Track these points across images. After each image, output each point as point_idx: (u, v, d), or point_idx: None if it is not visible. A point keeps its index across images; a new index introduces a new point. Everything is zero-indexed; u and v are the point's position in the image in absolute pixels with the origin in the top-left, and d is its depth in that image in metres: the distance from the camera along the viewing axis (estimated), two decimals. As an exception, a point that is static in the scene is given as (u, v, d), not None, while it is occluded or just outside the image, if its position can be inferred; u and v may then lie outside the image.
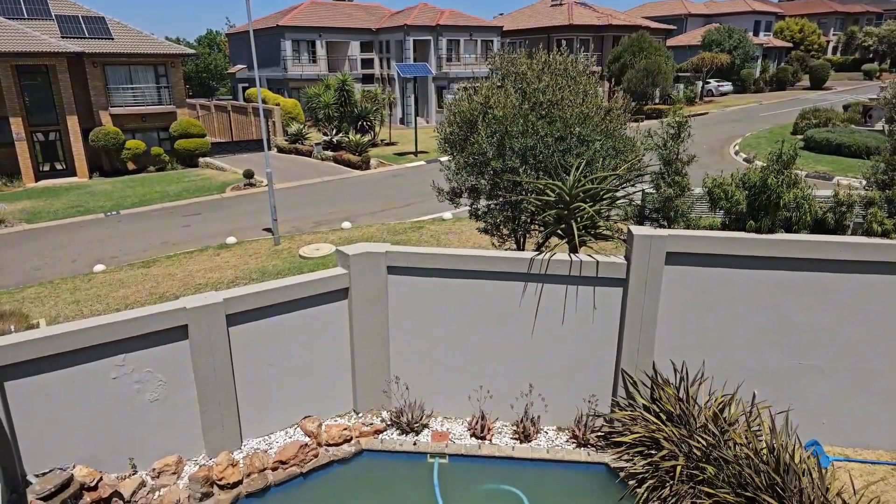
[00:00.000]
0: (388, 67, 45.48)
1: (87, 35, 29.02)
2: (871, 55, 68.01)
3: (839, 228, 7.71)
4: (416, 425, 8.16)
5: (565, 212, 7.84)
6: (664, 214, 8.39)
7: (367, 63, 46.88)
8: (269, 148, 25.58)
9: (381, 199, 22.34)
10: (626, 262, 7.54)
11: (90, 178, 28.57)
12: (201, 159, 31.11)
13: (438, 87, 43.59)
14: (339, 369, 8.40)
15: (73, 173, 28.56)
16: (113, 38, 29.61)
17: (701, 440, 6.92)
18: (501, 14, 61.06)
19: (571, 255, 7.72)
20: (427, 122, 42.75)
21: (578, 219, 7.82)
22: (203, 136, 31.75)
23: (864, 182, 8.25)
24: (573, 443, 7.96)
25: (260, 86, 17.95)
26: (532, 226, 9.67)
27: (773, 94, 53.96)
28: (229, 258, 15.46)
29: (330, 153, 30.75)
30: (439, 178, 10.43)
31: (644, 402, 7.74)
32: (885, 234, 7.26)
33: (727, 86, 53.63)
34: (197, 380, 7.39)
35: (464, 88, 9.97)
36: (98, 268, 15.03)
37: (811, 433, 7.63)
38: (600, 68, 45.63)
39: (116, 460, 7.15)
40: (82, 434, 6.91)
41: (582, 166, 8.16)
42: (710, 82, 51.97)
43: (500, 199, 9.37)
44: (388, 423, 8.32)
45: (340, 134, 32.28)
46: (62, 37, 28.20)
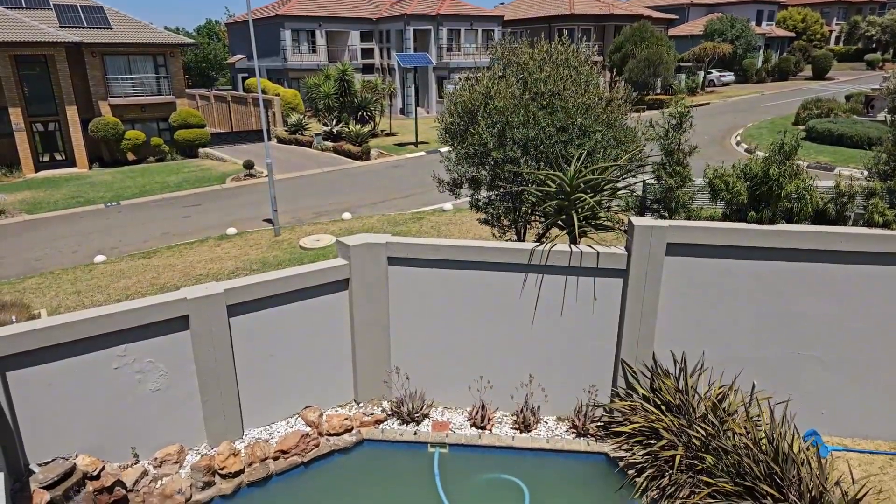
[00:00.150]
0: (389, 57, 45.28)
1: (85, 24, 28.88)
2: (874, 45, 67.60)
3: (840, 219, 7.70)
4: (416, 415, 8.20)
5: (566, 202, 7.83)
6: (665, 205, 8.37)
7: (368, 53, 46.67)
8: (269, 138, 25.51)
9: (382, 189, 22.32)
10: (626, 252, 7.54)
11: (90, 168, 28.54)
12: (201, 150, 31.05)
13: (439, 78, 43.41)
14: (340, 360, 8.43)
15: (73, 164, 28.52)
16: (112, 28, 29.48)
17: (700, 430, 6.95)
18: (502, 3, 60.61)
19: (572, 245, 7.72)
20: (427, 112, 42.61)
21: (579, 209, 7.81)
22: (203, 126, 31.68)
23: (865, 173, 8.23)
24: (573, 433, 8.00)
25: (259, 76, 17.88)
26: (533, 217, 9.67)
27: (776, 84, 53.73)
28: (230, 249, 15.47)
29: (330, 144, 30.69)
30: (440, 168, 10.41)
31: (644, 393, 7.77)
32: (886, 224, 7.25)
33: (729, 76, 53.40)
34: (198, 370, 7.42)
35: (465, 78, 9.93)
36: (99, 258, 15.04)
37: (810, 423, 7.67)
38: (602, 58, 45.43)
39: (118, 450, 7.20)
40: (84, 424, 6.95)
41: (583, 157, 8.14)
42: (711, 72, 51.73)
43: (501, 189, 9.36)
44: (389, 413, 8.36)
45: (340, 124, 32.19)
46: (60, 26, 28.06)
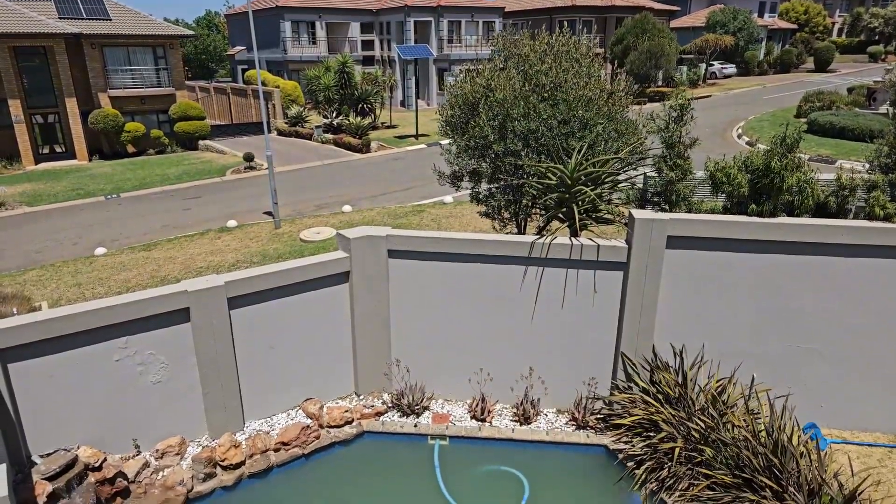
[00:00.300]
0: (389, 49, 45.07)
1: (84, 16, 28.75)
2: (876, 37, 67.23)
3: (841, 212, 7.69)
4: (416, 408, 8.22)
5: (567, 195, 7.82)
6: (666, 198, 8.36)
7: (368, 45, 46.45)
8: (269, 131, 25.45)
9: (382, 182, 22.28)
10: (626, 245, 7.54)
11: (90, 160, 28.49)
12: (201, 142, 30.98)
13: (439, 70, 43.23)
14: (341, 352, 8.45)
15: (73, 156, 28.47)
16: (111, 19, 29.33)
17: (699, 422, 6.97)
18: (503, -5, 60.12)
19: (572, 238, 7.72)
20: (428, 104, 42.48)
21: (580, 202, 7.80)
22: (203, 118, 31.59)
23: (867, 165, 8.22)
24: (573, 425, 8.03)
25: (259, 68, 17.82)
26: (533, 210, 9.66)
27: (777, 76, 53.50)
28: (230, 241, 15.46)
29: (330, 136, 30.61)
30: (440, 161, 10.39)
31: (643, 385, 7.79)
32: (887, 217, 7.24)
33: (731, 68, 53.13)
34: (199, 362, 7.44)
35: (465, 71, 9.88)
36: (99, 251, 15.04)
37: (809, 416, 7.69)
38: (603, 50, 45.24)
39: (120, 441, 7.23)
40: (86, 415, 6.97)
41: (584, 149, 8.12)
42: (713, 64, 51.49)
43: (502, 182, 9.34)
44: (389, 405, 8.39)
45: (341, 117, 32.10)
46: (59, 17, 27.93)
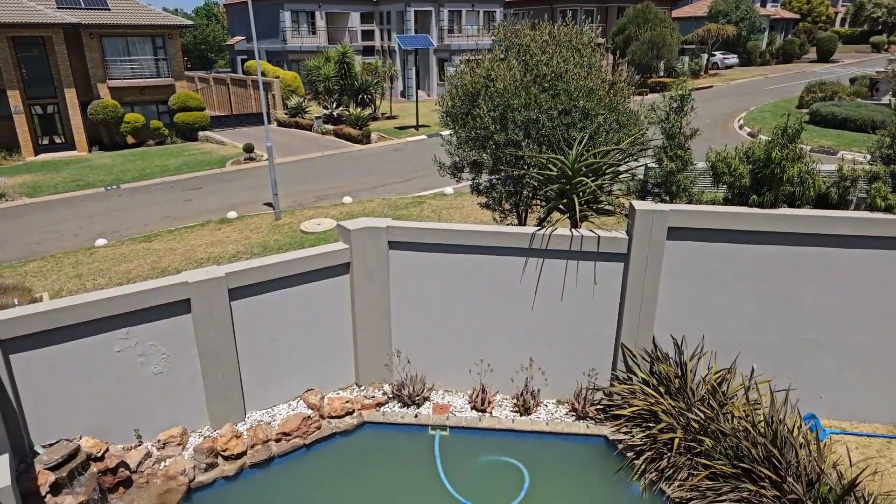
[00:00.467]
0: (389, 39, 44.82)
1: (83, 6, 28.60)
2: (879, 27, 66.81)
3: (842, 203, 7.67)
4: (417, 398, 8.25)
5: (567, 186, 7.80)
6: (666, 189, 8.34)
7: (368, 35, 46.20)
8: (269, 122, 25.38)
9: (382, 173, 22.24)
10: (627, 237, 7.53)
11: (89, 151, 28.44)
12: (201, 133, 30.91)
13: (440, 60, 43.02)
14: (341, 343, 8.46)
15: (73, 147, 28.42)
16: (110, 9, 29.19)
17: (699, 413, 7.00)
18: (504, -16, 59.69)
19: (573, 230, 7.71)
20: (428, 95, 42.31)
21: (580, 193, 7.78)
22: (202, 109, 31.50)
23: (868, 156, 8.19)
24: (572, 416, 8.06)
25: (259, 58, 17.73)
26: (534, 201, 9.64)
27: (780, 66, 53.20)
28: (230, 233, 15.46)
29: (330, 127, 30.53)
30: (440, 152, 10.37)
31: (643, 376, 7.81)
32: (888, 209, 7.22)
33: (733, 58, 52.83)
34: (200, 353, 7.46)
35: (466, 61, 9.84)
36: (100, 242, 15.05)
37: (809, 407, 7.71)
38: (604, 40, 44.97)
39: (122, 432, 7.26)
40: (88, 406, 7.00)
41: (585, 140, 8.09)
42: (715, 55, 51.20)
43: (502, 173, 9.32)
44: (390, 396, 8.42)
45: (341, 107, 32.00)
46: (58, 7, 27.80)
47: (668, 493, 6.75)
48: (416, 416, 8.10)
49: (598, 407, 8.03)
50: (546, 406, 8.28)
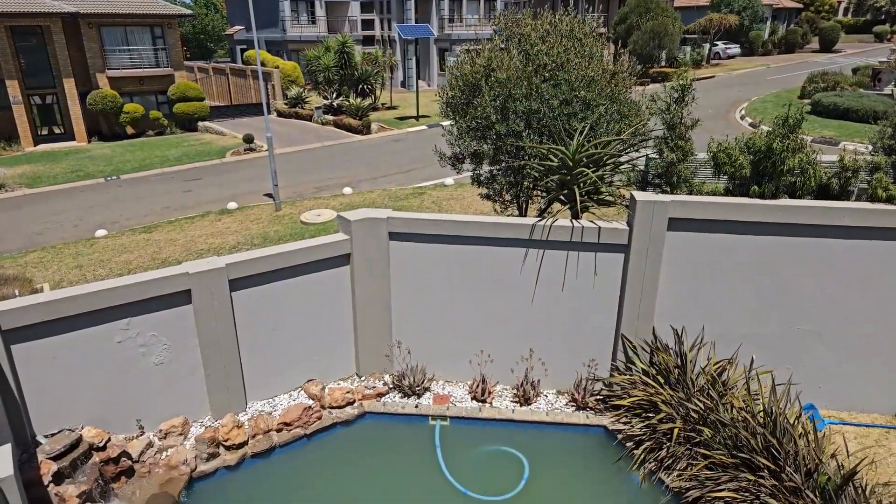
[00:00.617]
0: (389, 29, 44.57)
1: (81, -5, 28.38)
2: (882, 17, 66.39)
3: (843, 194, 7.66)
4: (417, 388, 8.28)
5: (568, 177, 7.79)
6: (667, 180, 8.33)
7: (368, 24, 45.94)
8: (269, 112, 25.29)
9: (383, 164, 22.19)
10: (628, 228, 7.52)
11: (89, 142, 28.36)
12: (200, 123, 30.81)
13: (440, 50, 42.80)
14: (342, 334, 8.48)
15: (72, 137, 28.34)
16: (108, -2, 28.99)
17: (698, 403, 7.02)
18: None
19: (573, 221, 7.70)
20: (429, 85, 42.13)
21: (581, 184, 7.77)
22: (202, 99, 31.37)
23: (870, 147, 8.16)
24: (572, 406, 8.09)
25: (258, 48, 17.63)
26: (535, 192, 9.62)
27: (782, 56, 52.93)
28: (231, 223, 15.45)
29: (330, 117, 30.42)
30: (441, 142, 10.34)
31: (643, 367, 7.83)
32: (889, 199, 7.21)
33: (735, 48, 52.55)
34: (201, 344, 7.48)
35: (466, 51, 9.78)
36: (100, 233, 15.05)
37: (808, 397, 7.73)
38: (606, 30, 44.70)
39: (124, 422, 7.29)
40: (89, 396, 7.03)
41: (586, 131, 8.07)
42: (717, 44, 50.93)
43: (503, 164, 9.30)
44: (391, 386, 8.45)
45: (341, 98, 31.86)
46: (56, -4, 27.61)
47: (667, 482, 6.79)
48: (416, 407, 8.13)
49: (598, 397, 8.05)
50: (546, 396, 8.31)
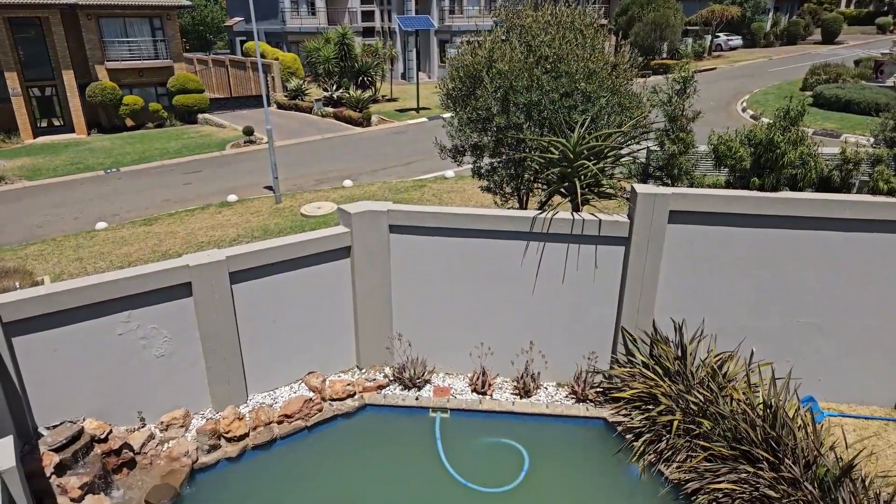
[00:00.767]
0: (389, 20, 44.37)
1: (79, -14, 28.20)
2: (885, 8, 65.95)
3: (845, 186, 7.64)
4: (418, 381, 8.30)
5: (569, 170, 7.77)
6: (668, 172, 8.31)
7: (368, 15, 45.69)
8: (269, 104, 25.21)
9: (383, 156, 22.15)
10: (628, 220, 7.51)
11: (88, 134, 28.29)
12: (200, 116, 30.72)
13: (441, 41, 42.60)
14: (342, 326, 8.49)
15: (72, 129, 28.27)
16: (106, -11, 28.80)
17: (698, 395, 7.04)
18: (506, -36, 58.90)
19: (574, 213, 7.69)
20: (429, 77, 41.97)
21: (582, 177, 7.75)
22: (201, 91, 31.26)
23: (871, 139, 8.14)
24: (572, 398, 8.11)
25: (258, 39, 17.55)
26: (535, 184, 9.61)
27: (784, 48, 52.66)
28: (231, 216, 15.44)
29: (330, 110, 30.32)
30: (441, 135, 10.31)
31: (643, 359, 7.84)
32: (891, 192, 7.19)
33: (737, 40, 52.26)
34: (202, 336, 7.49)
35: (467, 42, 9.74)
36: (100, 225, 15.04)
37: (808, 390, 7.75)
38: (607, 21, 44.47)
39: (125, 414, 7.32)
40: (91, 388, 7.04)
41: (587, 123, 8.04)
42: (719, 36, 50.64)
43: (504, 156, 9.28)
44: (391, 378, 8.47)
45: (341, 90, 31.75)
46: (54, -13, 27.42)
47: (667, 474, 6.82)
48: (416, 399, 8.15)
49: (598, 390, 8.07)
50: (546, 389, 8.33)
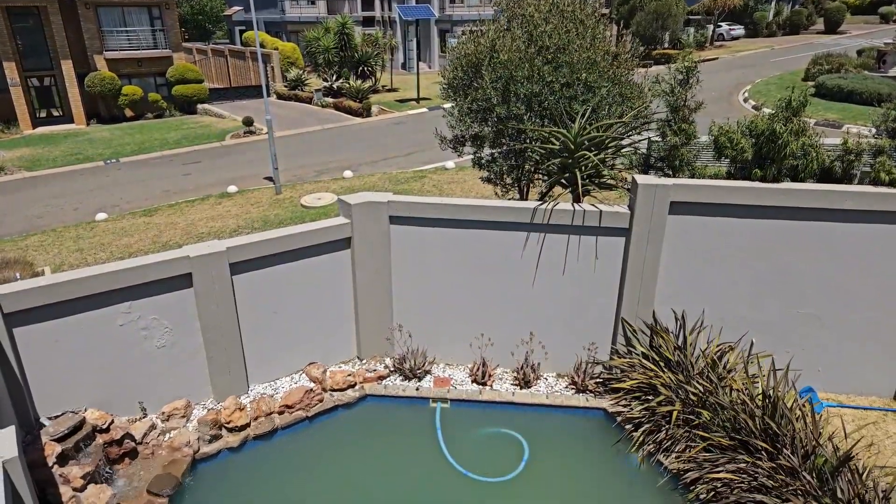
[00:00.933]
0: (390, 10, 44.09)
1: (77, -25, 28.01)
2: (889, -3, 65.47)
3: (846, 177, 7.62)
4: (418, 371, 8.32)
5: (569, 160, 7.74)
6: (669, 163, 8.28)
7: (368, 5, 45.41)
8: (269, 94, 25.10)
9: (383, 147, 22.09)
10: (629, 211, 7.50)
11: (88, 125, 28.21)
12: (199, 106, 30.61)
13: (441, 31, 42.36)
14: (343, 317, 8.50)
15: (71, 120, 28.19)
16: (104, -22, 28.61)
17: (698, 386, 7.06)
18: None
19: (575, 204, 7.68)
20: (429, 67, 41.77)
21: (583, 168, 7.73)
22: (201, 81, 31.13)
23: (873, 130, 8.10)
24: (572, 389, 8.13)
25: (257, 29, 17.45)
26: (536, 175, 9.59)
27: (786, 38, 52.37)
28: (231, 207, 15.42)
29: (330, 100, 30.22)
30: (442, 125, 10.27)
31: (643, 350, 7.86)
32: (892, 183, 7.17)
33: (739, 29, 52.00)
34: (202, 327, 7.50)
35: (469, 31, 9.69)
36: (100, 216, 15.03)
37: (807, 380, 7.77)
38: (608, 10, 44.17)
39: (126, 404, 7.34)
40: (92, 379, 7.07)
41: (588, 113, 8.00)
42: (721, 26, 50.37)
43: (504, 147, 9.25)
44: (391, 369, 8.49)
45: (341, 80, 31.62)
46: (52, -24, 27.24)
47: (666, 464, 6.85)
48: (417, 389, 8.18)
49: (598, 380, 8.09)
50: (546, 379, 8.35)
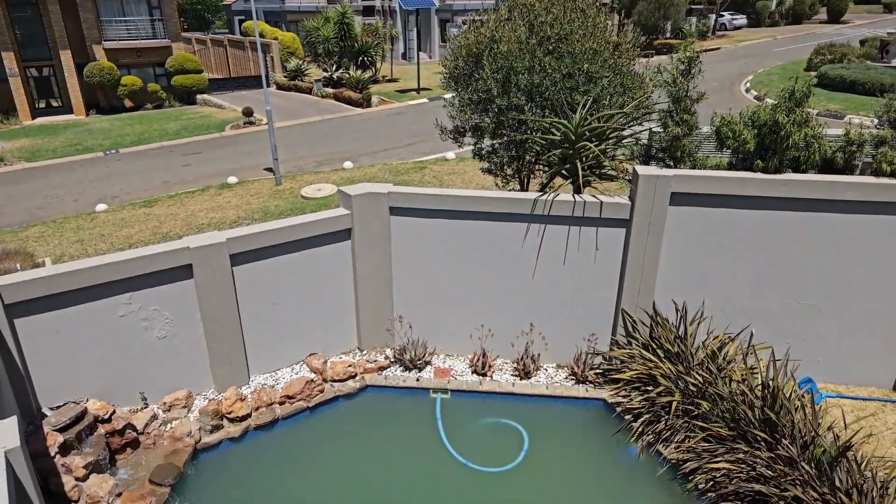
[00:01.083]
0: (390, -1, 43.78)
1: (75, -36, 27.83)
2: (893, -14, 64.95)
3: (848, 168, 7.59)
4: (418, 362, 8.34)
5: (570, 151, 7.72)
6: (670, 154, 8.25)
7: (368, -6, 45.11)
8: (268, 85, 25.01)
9: (383, 138, 22.02)
10: (630, 202, 7.49)
11: (87, 115, 28.15)
12: (199, 96, 30.51)
13: (442, 21, 42.10)
14: (343, 308, 8.52)
15: (70, 110, 28.12)
16: (102, -33, 28.43)
17: (697, 377, 7.07)
18: (507, -59, 57.98)
19: (575, 195, 7.66)
20: (430, 57, 41.56)
21: (583, 158, 7.70)
22: (200, 72, 31.01)
23: (875, 121, 8.06)
24: (572, 380, 8.15)
25: (257, 18, 17.35)
26: (536, 166, 9.56)
27: (789, 27, 52.06)
28: (231, 198, 15.40)
29: (330, 90, 30.10)
30: (442, 115, 10.23)
31: (643, 341, 7.87)
32: (894, 174, 7.14)
33: (741, 19, 51.69)
34: (203, 318, 7.51)
35: (471, 20, 9.63)
36: (100, 207, 15.02)
37: (807, 371, 7.78)
38: (610, 0, 43.87)
39: (128, 395, 7.37)
40: (93, 369, 7.09)
41: (588, 104, 7.97)
42: (723, 15, 50.04)
43: (505, 138, 9.21)
44: (392, 360, 8.51)
45: (341, 70, 31.48)
46: (49, -34, 27.06)
47: (665, 454, 6.88)
48: (417, 380, 8.20)
49: (598, 371, 8.12)
50: (546, 370, 8.37)
